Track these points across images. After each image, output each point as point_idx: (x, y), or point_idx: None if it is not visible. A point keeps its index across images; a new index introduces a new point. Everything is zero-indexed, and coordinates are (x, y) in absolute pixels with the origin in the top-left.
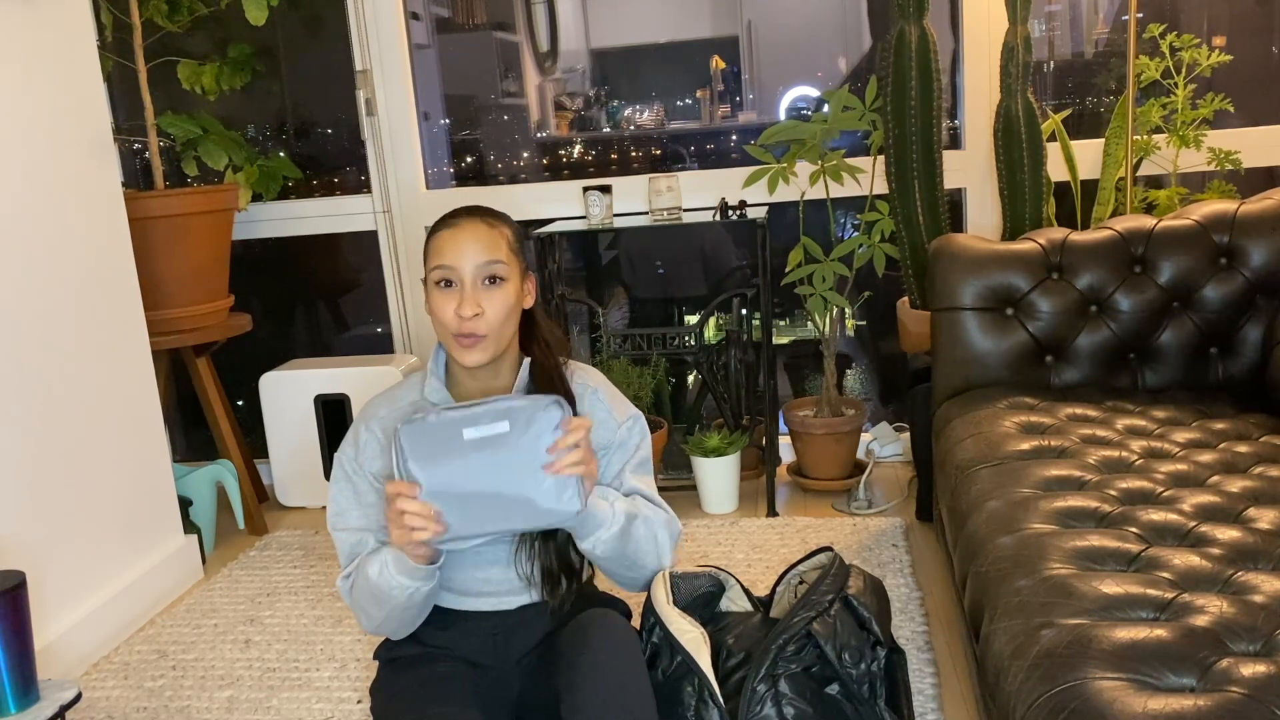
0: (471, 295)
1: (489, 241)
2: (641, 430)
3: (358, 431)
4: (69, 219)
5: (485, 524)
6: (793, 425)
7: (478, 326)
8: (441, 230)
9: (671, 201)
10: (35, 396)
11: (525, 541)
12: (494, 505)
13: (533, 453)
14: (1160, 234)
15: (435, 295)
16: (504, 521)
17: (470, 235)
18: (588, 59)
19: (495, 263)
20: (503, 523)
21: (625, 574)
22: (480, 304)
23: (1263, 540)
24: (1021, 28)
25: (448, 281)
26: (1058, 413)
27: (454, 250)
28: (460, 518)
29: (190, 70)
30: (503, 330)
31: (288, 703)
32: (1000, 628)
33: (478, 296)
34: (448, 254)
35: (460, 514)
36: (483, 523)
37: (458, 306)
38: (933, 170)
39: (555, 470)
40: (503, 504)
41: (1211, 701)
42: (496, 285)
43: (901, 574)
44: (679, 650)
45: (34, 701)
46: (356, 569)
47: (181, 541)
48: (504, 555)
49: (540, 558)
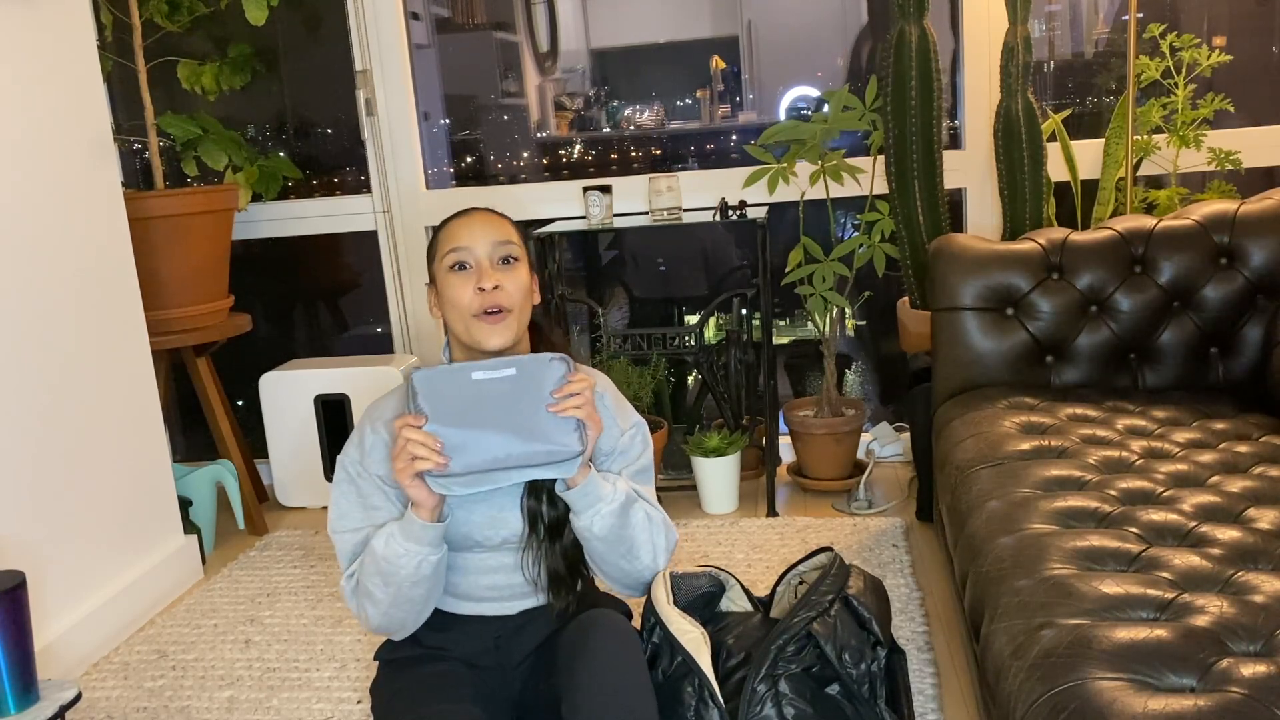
0: (489, 271)
1: (500, 225)
2: (644, 439)
3: (362, 433)
4: (69, 219)
5: (487, 459)
6: (793, 425)
7: (500, 299)
8: (451, 220)
9: (671, 201)
10: (35, 396)
11: (532, 544)
12: (497, 441)
13: (537, 395)
14: (1160, 234)
15: (450, 280)
16: (505, 457)
17: (481, 220)
18: (588, 59)
19: (509, 243)
20: (504, 459)
21: (620, 564)
22: (498, 281)
23: (1263, 540)
24: (1021, 27)
25: (462, 264)
26: (1058, 413)
27: (468, 233)
28: (463, 454)
29: (190, 70)
30: (522, 311)
31: (288, 703)
32: (1000, 628)
33: (496, 272)
34: (462, 236)
35: (463, 450)
36: (484, 458)
37: (476, 283)
38: (933, 170)
39: (558, 410)
40: (505, 440)
41: (1211, 701)
42: (511, 265)
43: (901, 574)
44: (679, 650)
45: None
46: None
47: (181, 541)
48: (511, 560)
49: (547, 559)
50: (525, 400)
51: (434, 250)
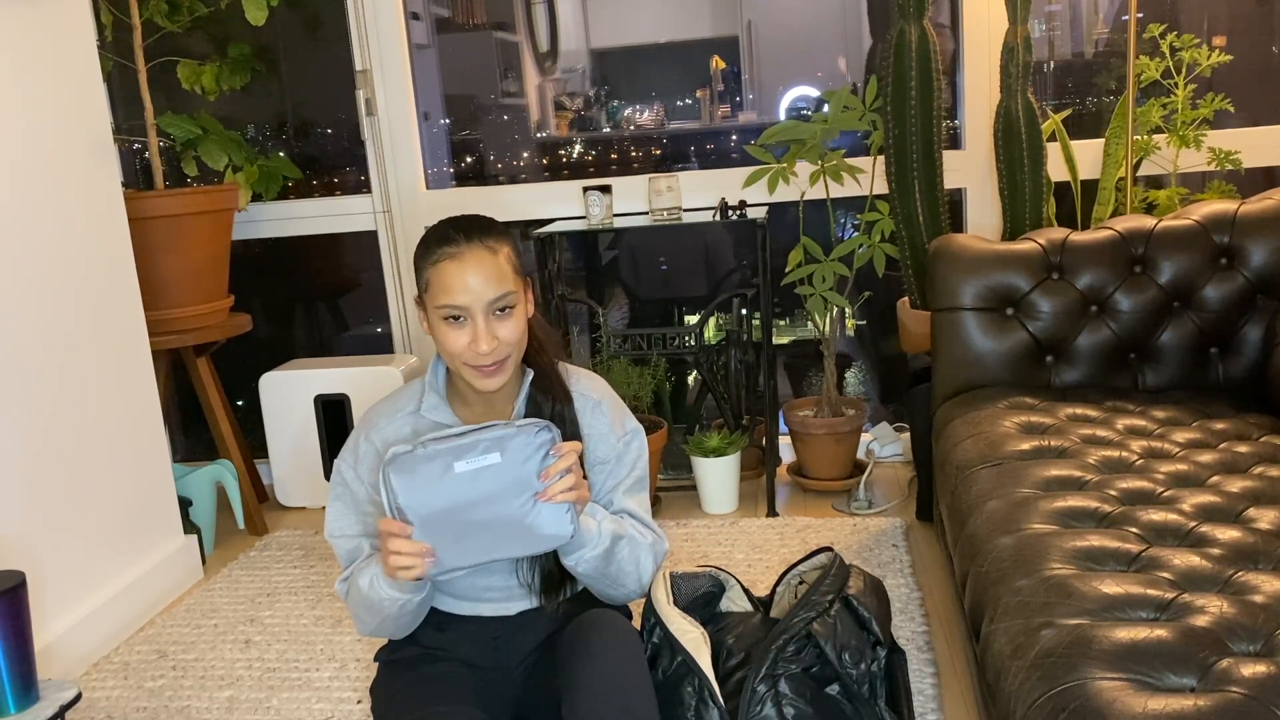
0: (485, 330)
1: (496, 273)
2: (640, 447)
3: (358, 441)
4: (69, 219)
5: (479, 555)
6: (793, 425)
7: (496, 354)
8: (443, 261)
9: (671, 201)
10: (35, 397)
11: None
12: (487, 536)
13: (525, 482)
14: (1160, 234)
15: (443, 328)
16: (497, 550)
17: (476, 269)
18: (588, 59)
19: (506, 295)
20: (496, 552)
21: (605, 591)
22: (496, 335)
23: (1263, 540)
24: (1021, 27)
25: (456, 317)
26: (1058, 413)
27: (461, 288)
28: (453, 551)
29: (190, 70)
30: (519, 349)
31: (288, 703)
32: (1000, 628)
33: (492, 329)
34: (456, 292)
35: (453, 547)
36: (476, 554)
37: (471, 342)
38: (933, 170)
39: (548, 498)
40: (496, 534)
41: (1211, 701)
42: (508, 314)
43: (901, 574)
44: (679, 650)
45: (34, 701)
46: (349, 577)
47: (181, 541)
48: (505, 564)
49: (540, 563)
50: (512, 490)
51: (424, 285)
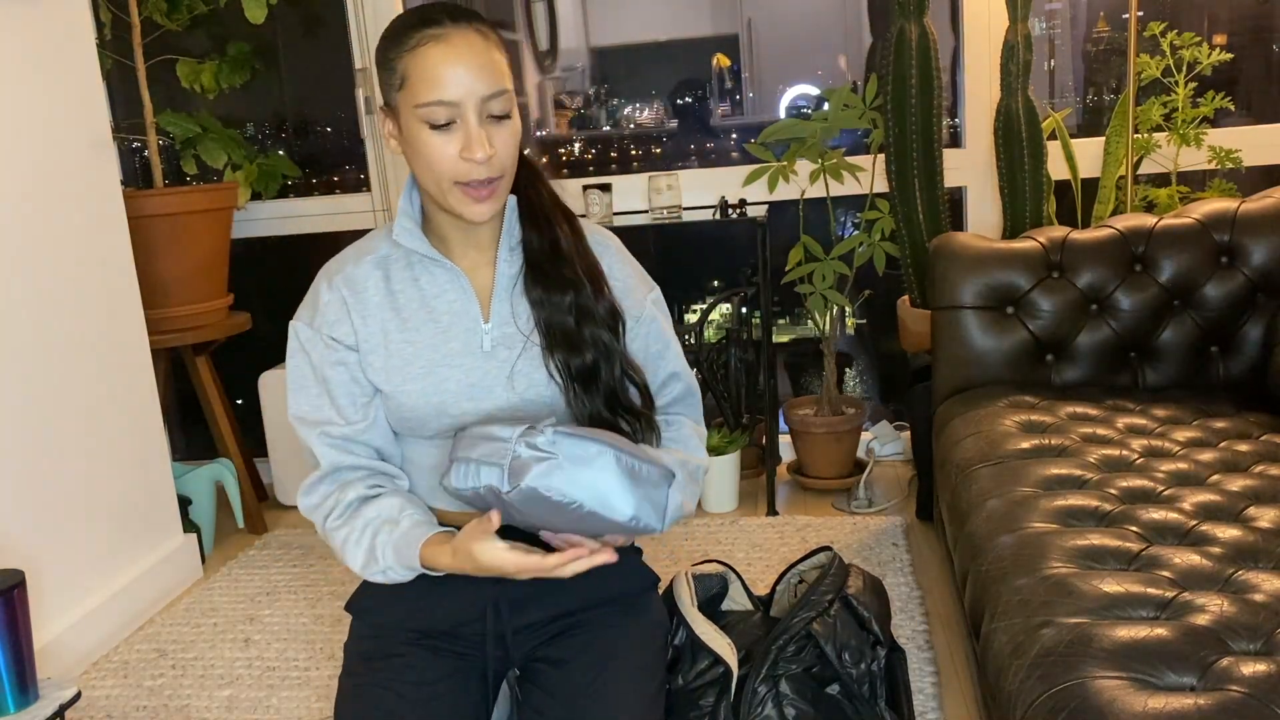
0: (480, 134)
1: (490, 65)
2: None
3: (317, 291)
4: (68, 218)
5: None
6: (793, 424)
7: (492, 169)
8: (426, 45)
9: (671, 200)
10: (34, 395)
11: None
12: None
13: None
14: (1161, 232)
15: (424, 136)
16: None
17: (468, 55)
18: (587, 57)
19: (502, 93)
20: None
21: None
22: (492, 142)
23: (1263, 539)
24: (1022, 26)
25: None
26: (1058, 411)
27: (452, 79)
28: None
29: (189, 68)
30: (511, 174)
31: (287, 702)
32: (1000, 627)
33: (487, 134)
34: (446, 84)
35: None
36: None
37: (463, 149)
38: (933, 169)
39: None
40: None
41: (1211, 701)
42: (504, 123)
43: (901, 573)
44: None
45: (33, 701)
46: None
47: (181, 540)
48: None
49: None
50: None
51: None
